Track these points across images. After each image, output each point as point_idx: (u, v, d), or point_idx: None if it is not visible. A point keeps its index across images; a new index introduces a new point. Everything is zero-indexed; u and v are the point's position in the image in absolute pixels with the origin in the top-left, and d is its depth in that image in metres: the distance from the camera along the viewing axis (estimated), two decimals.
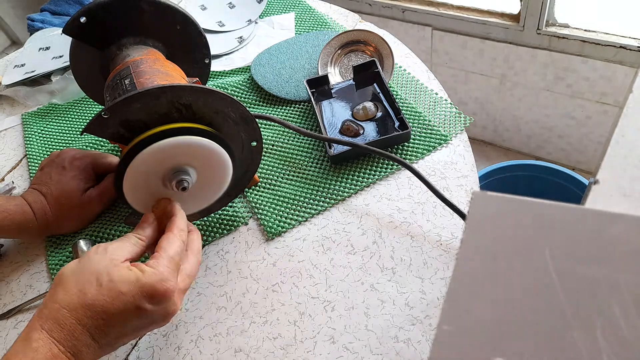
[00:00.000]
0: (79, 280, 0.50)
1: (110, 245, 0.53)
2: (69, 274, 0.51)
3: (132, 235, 0.56)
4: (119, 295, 0.49)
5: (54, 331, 0.47)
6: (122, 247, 0.54)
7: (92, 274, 0.50)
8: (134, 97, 0.55)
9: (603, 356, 0.28)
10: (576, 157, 1.83)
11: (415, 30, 1.82)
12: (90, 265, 0.51)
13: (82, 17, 0.71)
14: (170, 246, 0.54)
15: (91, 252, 0.52)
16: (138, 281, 0.50)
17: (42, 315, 0.48)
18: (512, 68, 1.70)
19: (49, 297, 0.50)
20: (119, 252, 0.53)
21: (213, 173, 0.62)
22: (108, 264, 0.51)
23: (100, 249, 0.53)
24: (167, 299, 0.51)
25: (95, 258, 0.51)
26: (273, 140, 0.85)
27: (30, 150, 0.95)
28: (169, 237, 0.55)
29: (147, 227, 0.58)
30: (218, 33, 1.12)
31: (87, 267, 0.51)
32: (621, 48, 1.46)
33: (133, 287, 0.50)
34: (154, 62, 0.69)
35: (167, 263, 0.53)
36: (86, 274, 0.50)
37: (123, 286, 0.49)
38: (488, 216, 0.36)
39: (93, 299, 0.48)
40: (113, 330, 0.50)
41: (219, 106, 0.60)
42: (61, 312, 0.48)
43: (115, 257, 0.52)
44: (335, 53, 0.95)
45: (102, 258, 0.51)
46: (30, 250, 0.79)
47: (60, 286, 0.50)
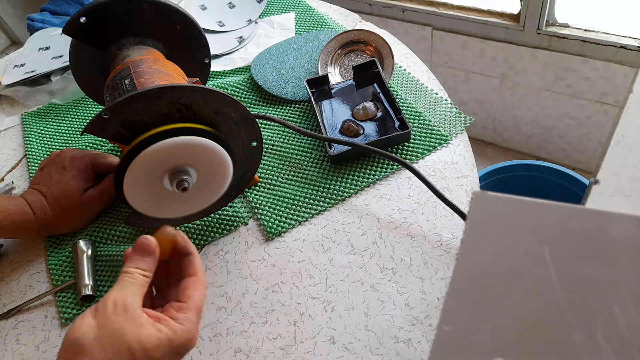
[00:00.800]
0: (107, 352, 0.44)
1: (125, 298, 0.47)
2: (90, 344, 0.44)
3: (137, 273, 0.49)
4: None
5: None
6: (135, 294, 0.48)
7: (122, 343, 0.44)
8: (134, 98, 0.55)
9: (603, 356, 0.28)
10: (576, 157, 1.83)
11: (416, 30, 1.82)
12: (114, 331, 0.44)
13: (82, 17, 0.71)
14: (198, 294, 0.50)
15: (108, 311, 0.46)
16: (171, 344, 0.46)
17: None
18: (512, 68, 1.70)
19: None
20: (135, 304, 0.47)
21: (213, 173, 0.62)
22: (134, 328, 0.45)
23: (119, 308, 0.46)
24: (192, 347, 0.49)
25: (117, 321, 0.45)
26: (273, 140, 0.85)
27: (30, 150, 0.95)
28: (196, 284, 0.51)
29: (149, 260, 0.50)
30: (218, 33, 1.12)
31: (111, 334, 0.44)
32: (621, 48, 1.46)
33: (166, 350, 0.46)
34: (154, 62, 0.69)
35: (196, 318, 0.49)
36: (114, 343, 0.44)
37: (157, 352, 0.45)
38: (488, 216, 0.36)
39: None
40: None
41: (219, 106, 0.60)
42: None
43: (136, 313, 0.46)
44: (335, 53, 0.95)
45: (124, 321, 0.45)
46: (30, 250, 0.79)
47: (83, 356, 0.43)
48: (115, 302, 0.46)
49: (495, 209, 0.37)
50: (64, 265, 0.74)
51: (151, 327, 0.46)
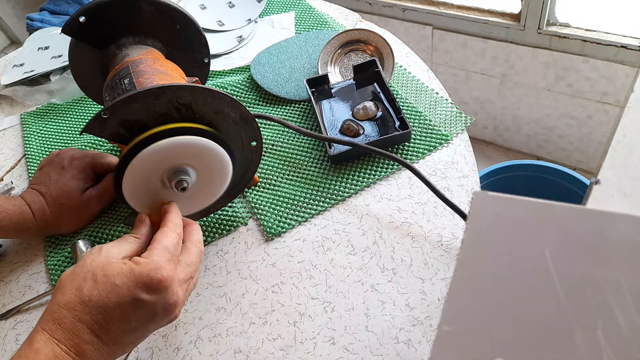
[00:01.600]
0: (75, 280, 0.50)
1: (106, 245, 0.54)
2: (65, 277, 0.51)
3: (128, 235, 0.57)
4: (113, 288, 0.49)
5: (55, 331, 0.47)
6: (118, 246, 0.54)
7: (87, 272, 0.50)
8: (133, 97, 0.55)
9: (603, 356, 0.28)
10: (577, 156, 1.82)
11: (416, 29, 1.82)
12: (85, 265, 0.51)
13: (81, 17, 0.71)
14: (165, 238, 0.54)
15: (87, 254, 0.53)
16: (132, 272, 0.50)
17: (43, 319, 0.48)
18: (512, 67, 1.70)
19: (49, 302, 0.50)
20: (114, 250, 0.53)
21: (213, 173, 0.62)
22: (103, 262, 0.51)
23: (96, 249, 0.53)
24: (164, 288, 0.51)
25: (91, 258, 0.52)
26: (273, 140, 0.84)
27: (29, 150, 0.95)
28: (163, 231, 0.56)
29: (142, 226, 0.58)
30: (218, 32, 1.12)
31: (82, 267, 0.51)
32: (622, 47, 1.46)
33: (127, 278, 0.49)
34: (154, 62, 0.69)
35: (161, 252, 0.53)
36: (82, 272, 0.50)
37: (117, 279, 0.49)
38: (489, 216, 0.36)
39: (89, 295, 0.48)
40: (114, 325, 0.49)
41: (219, 106, 0.60)
42: (60, 311, 0.48)
43: (111, 254, 0.52)
44: (335, 52, 0.95)
45: (97, 257, 0.52)
46: (29, 251, 0.79)
47: (59, 289, 0.50)
48: (95, 247, 0.54)
49: (496, 209, 0.37)
50: (64, 266, 0.74)
51: (118, 262, 0.51)
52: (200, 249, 0.58)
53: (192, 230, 0.59)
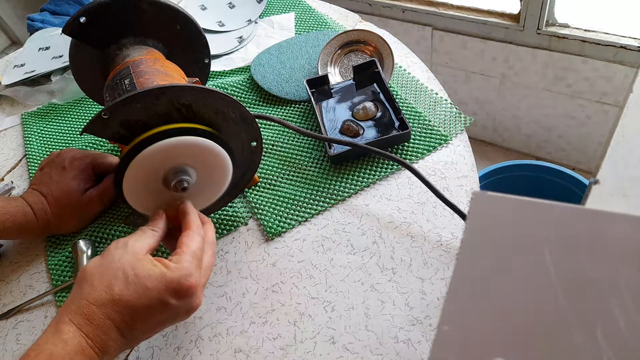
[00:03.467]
0: (105, 276, 0.51)
1: (129, 239, 0.54)
2: (93, 270, 0.51)
3: (146, 228, 0.57)
4: (145, 290, 0.50)
5: (83, 326, 0.48)
6: (141, 239, 0.55)
7: (117, 269, 0.51)
8: (133, 97, 0.55)
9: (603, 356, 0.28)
10: (576, 157, 1.83)
11: (416, 30, 1.82)
12: (114, 260, 0.52)
13: (82, 17, 0.71)
14: (192, 242, 0.56)
15: (111, 248, 0.53)
16: (163, 277, 0.51)
17: (70, 311, 0.49)
18: (512, 68, 1.70)
19: (75, 292, 0.51)
20: (138, 245, 0.54)
21: (213, 173, 0.62)
22: (131, 259, 0.52)
23: (121, 243, 0.54)
24: (191, 294, 0.53)
25: (118, 253, 0.52)
26: (273, 140, 0.85)
27: (30, 150, 0.95)
28: (189, 234, 0.56)
29: (157, 219, 0.59)
30: (218, 33, 1.12)
31: (110, 262, 0.52)
32: (621, 48, 1.46)
33: (158, 282, 0.51)
34: (154, 62, 0.69)
35: (191, 259, 0.54)
36: (111, 269, 0.51)
37: (149, 282, 0.51)
38: (488, 216, 0.36)
39: (120, 294, 0.49)
40: (139, 325, 0.51)
41: (219, 106, 0.60)
42: (90, 307, 0.49)
43: (137, 250, 0.53)
44: (335, 53, 0.95)
45: (124, 252, 0.52)
46: (29, 251, 0.79)
47: (86, 282, 0.51)
48: (118, 241, 0.54)
49: (495, 209, 0.37)
50: (64, 265, 0.74)
51: (148, 262, 0.52)
52: (215, 250, 0.60)
53: (207, 231, 0.60)
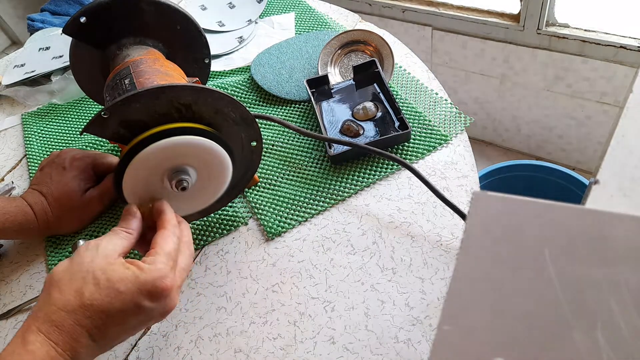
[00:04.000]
0: (74, 280, 0.48)
1: (100, 241, 0.52)
2: (61, 274, 0.49)
3: (119, 229, 0.55)
4: (117, 294, 0.48)
5: (52, 334, 0.46)
6: (113, 242, 0.52)
7: (87, 272, 0.48)
8: (133, 97, 0.55)
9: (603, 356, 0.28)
10: (576, 157, 1.83)
11: (416, 30, 1.82)
12: (84, 264, 0.49)
13: (82, 17, 0.71)
14: (166, 242, 0.53)
15: (81, 250, 0.51)
16: (137, 279, 0.49)
17: (38, 318, 0.47)
18: (512, 68, 1.70)
19: (43, 299, 0.48)
20: (110, 247, 0.51)
21: (213, 173, 0.62)
22: (102, 262, 0.49)
23: (91, 245, 0.51)
24: (166, 296, 0.50)
25: (88, 256, 0.50)
26: (273, 140, 0.85)
27: (30, 150, 0.95)
28: (163, 234, 0.54)
29: (131, 219, 0.56)
30: (218, 33, 1.12)
31: (80, 266, 0.49)
32: (621, 48, 1.46)
33: (132, 285, 0.49)
34: (154, 62, 0.69)
35: (165, 260, 0.52)
36: (81, 273, 0.48)
37: (121, 285, 0.48)
38: (488, 216, 0.36)
39: (91, 299, 0.47)
40: (112, 329, 0.49)
41: (219, 106, 0.60)
42: (59, 314, 0.47)
43: (108, 253, 0.50)
44: (335, 53, 0.95)
45: (94, 255, 0.50)
46: (30, 251, 0.79)
47: (54, 287, 0.48)
48: (89, 244, 0.52)
49: (495, 209, 0.37)
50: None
51: (119, 265, 0.50)
52: (192, 250, 0.58)
53: (183, 230, 0.58)
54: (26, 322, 0.47)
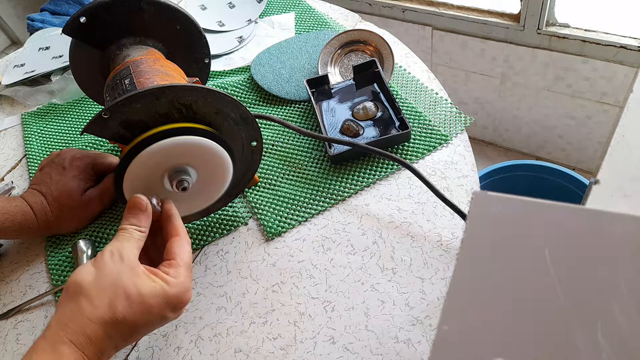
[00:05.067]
0: (105, 293, 0.49)
1: (122, 249, 0.52)
2: (89, 285, 0.49)
3: (132, 229, 0.54)
4: (148, 309, 0.50)
5: (86, 347, 0.47)
6: (131, 245, 0.53)
7: (117, 286, 0.49)
8: (133, 97, 0.55)
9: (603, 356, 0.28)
10: (576, 157, 1.83)
11: (416, 30, 1.82)
12: (112, 275, 0.50)
13: (82, 17, 0.71)
14: (184, 252, 0.55)
15: (105, 258, 0.51)
16: (165, 294, 0.51)
17: (68, 329, 0.47)
18: (512, 68, 1.70)
19: (71, 309, 0.48)
20: (132, 256, 0.52)
21: (213, 173, 0.62)
22: (130, 274, 0.50)
23: (116, 255, 0.51)
24: (185, 306, 0.54)
25: (114, 268, 0.50)
26: (273, 140, 0.85)
27: (30, 150, 0.95)
28: (180, 242, 0.55)
29: (142, 216, 0.55)
30: (218, 33, 1.12)
31: (109, 278, 0.50)
32: (621, 48, 1.46)
33: (161, 300, 0.50)
34: (154, 62, 0.69)
35: (186, 272, 0.53)
36: (111, 286, 0.49)
37: (152, 300, 0.50)
38: (488, 216, 0.36)
39: (124, 314, 0.48)
40: (134, 338, 0.52)
41: (219, 106, 0.60)
42: (92, 327, 0.47)
43: (133, 263, 0.51)
44: (335, 53, 0.95)
45: (121, 267, 0.50)
46: (29, 251, 0.79)
47: (83, 298, 0.48)
48: (112, 252, 0.51)
49: (495, 209, 0.37)
50: (64, 265, 0.74)
51: (146, 277, 0.51)
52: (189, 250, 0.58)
53: None
54: (52, 330, 0.48)
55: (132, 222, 0.55)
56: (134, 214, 0.55)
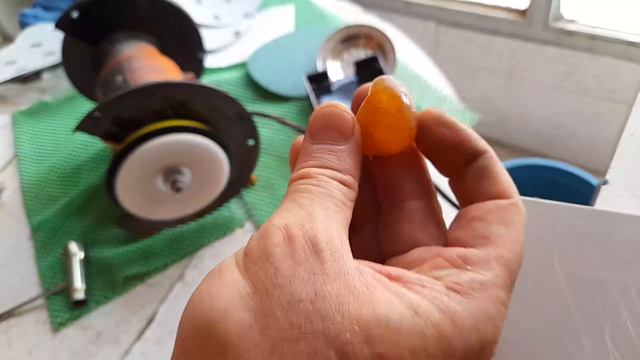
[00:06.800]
0: (287, 349, 0.18)
1: (314, 226, 0.20)
2: (247, 334, 0.18)
3: (328, 179, 0.23)
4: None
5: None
6: (333, 221, 0.21)
7: (324, 343, 0.18)
8: (126, 95, 0.55)
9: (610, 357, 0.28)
10: (585, 155, 1.81)
11: (419, 24, 1.81)
12: (297, 302, 0.18)
13: (74, 12, 0.71)
14: (510, 236, 0.22)
15: (276, 255, 0.19)
16: (444, 341, 0.18)
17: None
18: (519, 64, 1.69)
19: None
20: (337, 241, 0.20)
21: (208, 173, 0.62)
22: (346, 291, 0.19)
23: (300, 245, 0.20)
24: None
25: (302, 277, 0.19)
26: (271, 138, 0.83)
27: (21, 150, 0.93)
28: (508, 217, 0.22)
29: (345, 150, 0.24)
30: (213, 27, 1.10)
31: (293, 308, 0.18)
32: (630, 45, 1.45)
33: (434, 349, 0.18)
34: (148, 58, 0.69)
35: (506, 283, 0.21)
36: (301, 330, 0.18)
37: (406, 346, 0.18)
38: None
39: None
40: None
41: (215, 103, 0.59)
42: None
43: (346, 260, 0.20)
44: (335, 48, 0.93)
45: (322, 284, 0.19)
46: (20, 253, 0.77)
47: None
48: (288, 237, 0.20)
49: None
50: (56, 269, 0.72)
51: (394, 298, 0.19)
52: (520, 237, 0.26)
53: None
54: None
55: (325, 162, 0.24)
56: (331, 140, 0.24)
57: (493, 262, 0.20)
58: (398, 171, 0.26)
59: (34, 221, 0.79)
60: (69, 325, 0.67)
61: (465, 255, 0.21)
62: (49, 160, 0.89)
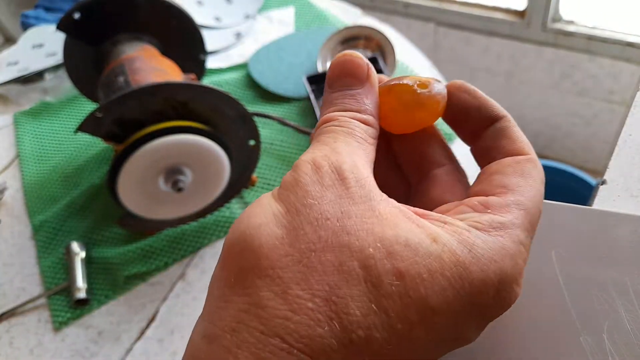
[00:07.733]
0: (316, 270, 0.19)
1: (340, 158, 0.22)
2: (278, 254, 0.20)
3: (349, 119, 0.24)
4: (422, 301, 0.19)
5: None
6: (358, 154, 0.22)
7: (349, 257, 0.19)
8: (128, 95, 0.55)
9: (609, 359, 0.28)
10: (583, 156, 1.81)
11: (418, 25, 1.81)
12: (327, 224, 0.20)
13: (76, 13, 0.70)
14: (529, 186, 0.23)
15: (304, 182, 0.21)
16: (460, 271, 0.19)
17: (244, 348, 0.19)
18: (517, 65, 1.69)
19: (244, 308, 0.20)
20: (363, 170, 0.22)
21: (209, 173, 0.62)
22: (371, 215, 0.20)
23: (327, 173, 0.21)
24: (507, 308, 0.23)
25: (330, 200, 0.20)
26: (271, 138, 0.83)
27: (23, 150, 0.94)
28: (525, 168, 0.24)
29: (363, 92, 0.25)
30: (215, 29, 1.10)
31: (322, 232, 0.20)
32: (628, 45, 1.45)
33: (447, 282, 0.19)
34: (149, 59, 0.69)
35: (523, 227, 0.22)
36: (331, 249, 0.19)
37: (430, 283, 0.19)
38: None
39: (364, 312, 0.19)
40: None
41: (216, 104, 0.59)
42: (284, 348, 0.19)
43: (370, 187, 0.21)
44: (335, 49, 0.94)
45: (349, 206, 0.20)
46: (22, 252, 0.77)
47: (269, 282, 0.19)
48: (316, 166, 0.21)
49: None
50: (57, 268, 0.73)
51: (411, 223, 0.20)
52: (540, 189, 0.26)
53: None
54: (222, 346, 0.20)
55: (346, 106, 0.24)
56: (348, 86, 0.25)
57: (512, 206, 0.22)
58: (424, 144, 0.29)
59: (36, 221, 0.79)
60: (71, 324, 0.67)
61: (486, 201, 0.22)
62: (50, 161, 0.89)
